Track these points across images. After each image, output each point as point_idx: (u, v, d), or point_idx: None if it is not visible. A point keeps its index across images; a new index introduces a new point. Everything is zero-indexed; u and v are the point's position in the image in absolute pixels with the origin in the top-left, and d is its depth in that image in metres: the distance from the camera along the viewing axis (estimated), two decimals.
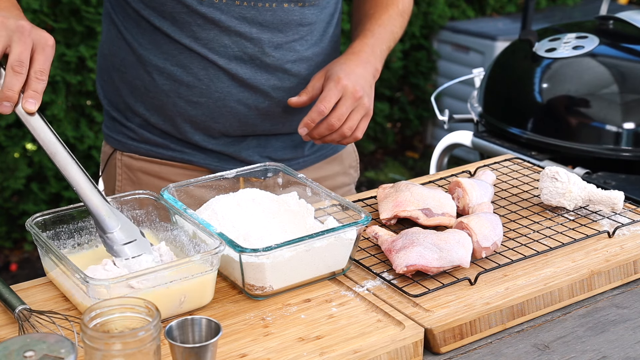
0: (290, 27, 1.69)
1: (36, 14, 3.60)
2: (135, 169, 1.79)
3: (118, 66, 1.75)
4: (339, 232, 1.31)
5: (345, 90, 1.59)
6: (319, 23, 1.74)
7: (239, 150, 1.76)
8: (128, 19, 1.70)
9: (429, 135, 5.16)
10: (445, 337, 1.23)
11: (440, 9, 4.81)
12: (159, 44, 1.68)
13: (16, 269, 3.83)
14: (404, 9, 1.83)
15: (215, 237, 1.26)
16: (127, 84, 1.74)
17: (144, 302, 1.06)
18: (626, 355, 1.23)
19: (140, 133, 1.76)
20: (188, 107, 1.70)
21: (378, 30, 1.74)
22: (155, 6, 1.65)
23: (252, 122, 1.72)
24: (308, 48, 1.73)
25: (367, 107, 1.63)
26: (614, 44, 2.29)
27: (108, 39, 1.77)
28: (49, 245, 1.24)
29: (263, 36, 1.66)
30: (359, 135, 1.64)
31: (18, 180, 3.67)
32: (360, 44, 1.71)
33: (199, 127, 1.72)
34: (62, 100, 3.72)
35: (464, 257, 1.34)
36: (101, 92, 1.83)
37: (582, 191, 1.57)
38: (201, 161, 1.76)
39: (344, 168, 1.94)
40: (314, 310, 1.26)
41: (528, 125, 2.22)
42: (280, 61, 1.70)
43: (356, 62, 1.65)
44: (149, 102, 1.73)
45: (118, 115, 1.79)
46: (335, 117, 1.59)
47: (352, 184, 1.98)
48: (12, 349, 0.96)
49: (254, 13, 1.64)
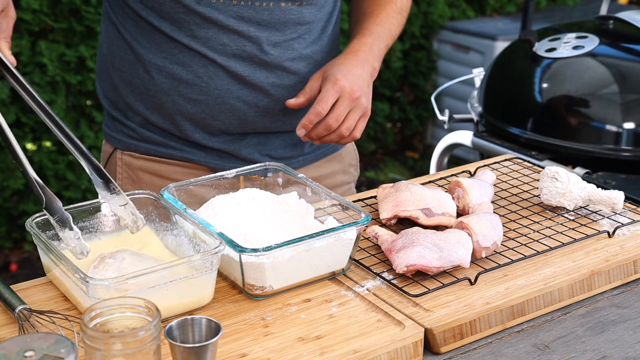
0: (288, 25, 1.69)
1: (36, 14, 3.60)
2: (136, 167, 1.79)
3: (117, 65, 1.75)
4: (339, 232, 1.31)
5: (343, 90, 1.59)
6: (318, 22, 1.74)
7: (239, 149, 1.76)
8: (127, 19, 1.71)
9: (429, 135, 5.16)
10: (445, 337, 1.23)
11: (440, 9, 4.81)
12: (158, 43, 1.68)
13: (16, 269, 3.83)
14: (402, 6, 1.82)
15: (215, 237, 1.26)
16: (126, 83, 1.74)
17: (144, 302, 1.06)
18: (626, 355, 1.23)
19: (140, 132, 1.77)
20: (188, 105, 1.70)
21: (376, 29, 1.74)
22: (154, 6, 1.65)
23: (251, 120, 1.73)
24: (307, 46, 1.73)
25: (365, 107, 1.63)
26: (614, 44, 2.29)
27: (107, 39, 1.77)
28: (49, 245, 1.24)
29: (261, 35, 1.67)
30: (357, 135, 1.64)
31: (18, 180, 3.67)
32: (358, 43, 1.71)
33: (198, 125, 1.72)
34: (62, 100, 3.72)
35: (464, 257, 1.34)
36: (101, 92, 1.83)
37: (582, 191, 1.57)
38: (201, 159, 1.76)
39: (344, 166, 1.94)
40: (314, 310, 1.26)
41: (528, 125, 2.22)
42: (279, 59, 1.70)
43: (354, 62, 1.65)
44: (148, 100, 1.73)
45: (118, 114, 1.79)
46: (333, 118, 1.59)
47: (352, 183, 1.98)
48: (12, 349, 0.96)
49: (251, 12, 1.65)
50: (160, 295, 1.19)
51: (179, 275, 1.20)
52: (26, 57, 3.61)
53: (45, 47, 3.64)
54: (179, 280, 1.20)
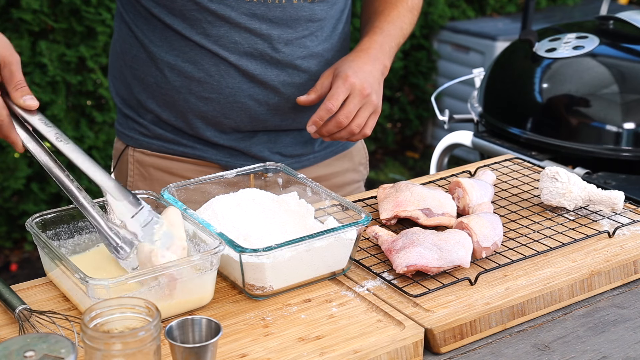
0: (299, 23, 1.69)
1: (36, 14, 3.60)
2: (147, 164, 1.80)
3: (129, 63, 1.76)
4: (339, 232, 1.31)
5: (353, 87, 1.60)
6: (329, 19, 1.74)
7: (250, 146, 1.76)
8: (138, 17, 1.71)
9: (429, 135, 5.16)
10: (445, 337, 1.23)
11: (440, 9, 4.81)
12: (170, 41, 1.69)
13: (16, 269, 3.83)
14: (413, 5, 1.82)
15: (215, 237, 1.26)
16: (138, 80, 1.75)
17: (144, 302, 1.06)
18: (626, 355, 1.23)
19: (152, 129, 1.78)
20: (199, 102, 1.71)
21: (387, 27, 1.74)
22: (166, 4, 1.66)
23: (262, 118, 1.73)
24: (318, 44, 1.74)
25: (376, 104, 1.64)
26: (614, 44, 2.29)
27: (119, 37, 1.78)
28: (49, 245, 1.24)
29: (273, 32, 1.67)
30: (368, 132, 1.65)
31: (18, 180, 3.67)
32: (368, 41, 1.71)
33: (210, 123, 1.73)
34: (62, 100, 3.72)
35: (464, 257, 1.34)
36: (113, 90, 1.84)
37: (582, 191, 1.57)
38: (212, 157, 1.77)
39: (354, 165, 1.95)
40: (314, 310, 1.26)
41: (528, 125, 2.22)
42: (290, 57, 1.70)
43: (364, 60, 1.65)
44: (160, 98, 1.74)
45: (130, 112, 1.80)
46: (344, 115, 1.59)
47: (361, 181, 1.99)
48: (12, 349, 0.96)
49: (263, 9, 1.65)
50: (160, 295, 1.19)
51: (179, 276, 1.20)
52: (26, 57, 3.61)
53: (45, 47, 3.64)
54: (179, 281, 1.20)
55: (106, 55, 3.78)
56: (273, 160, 1.78)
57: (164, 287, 1.19)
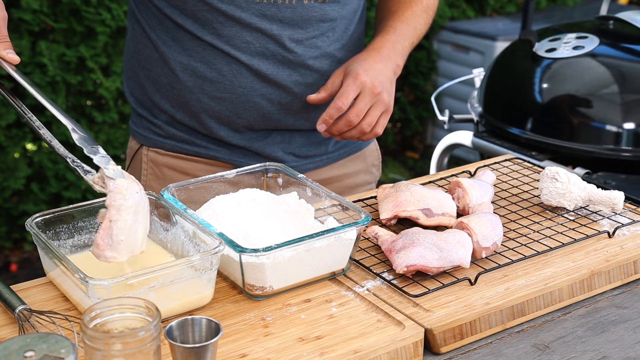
0: (311, 23, 1.69)
1: (36, 14, 3.60)
2: (161, 164, 1.81)
3: (143, 64, 1.77)
4: (339, 232, 1.31)
5: (364, 86, 1.59)
6: (341, 19, 1.74)
7: (263, 146, 1.77)
8: (151, 17, 1.72)
9: (429, 135, 5.16)
10: (445, 337, 1.23)
11: (440, 9, 4.81)
12: (182, 41, 1.69)
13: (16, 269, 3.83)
14: (428, 5, 1.82)
15: (215, 237, 1.26)
16: (152, 81, 1.76)
17: (144, 302, 1.06)
18: (626, 356, 1.23)
19: (166, 129, 1.78)
20: (212, 102, 1.71)
21: (400, 26, 1.74)
22: (177, 4, 1.66)
23: (275, 117, 1.73)
24: (330, 44, 1.73)
25: (387, 103, 1.63)
26: (614, 44, 2.29)
27: (133, 37, 1.79)
28: (49, 245, 1.24)
29: (284, 32, 1.67)
30: (379, 131, 1.64)
31: (18, 180, 3.67)
32: (381, 40, 1.71)
33: (223, 122, 1.73)
34: (62, 100, 3.72)
35: (464, 257, 1.34)
36: (127, 90, 1.85)
37: (582, 191, 1.57)
38: (226, 157, 1.77)
39: (367, 166, 1.95)
40: (314, 310, 1.26)
41: (528, 125, 2.22)
42: (302, 57, 1.70)
43: (376, 58, 1.65)
44: (173, 98, 1.74)
45: (144, 111, 1.80)
46: (354, 113, 1.59)
47: (373, 183, 1.99)
48: (12, 349, 0.96)
49: (274, 10, 1.65)
50: (161, 295, 1.19)
51: (179, 276, 1.20)
52: (26, 57, 3.61)
53: (45, 47, 3.64)
54: (179, 281, 1.20)
55: (106, 55, 3.78)
56: (287, 160, 1.78)
57: (163, 287, 1.19)
